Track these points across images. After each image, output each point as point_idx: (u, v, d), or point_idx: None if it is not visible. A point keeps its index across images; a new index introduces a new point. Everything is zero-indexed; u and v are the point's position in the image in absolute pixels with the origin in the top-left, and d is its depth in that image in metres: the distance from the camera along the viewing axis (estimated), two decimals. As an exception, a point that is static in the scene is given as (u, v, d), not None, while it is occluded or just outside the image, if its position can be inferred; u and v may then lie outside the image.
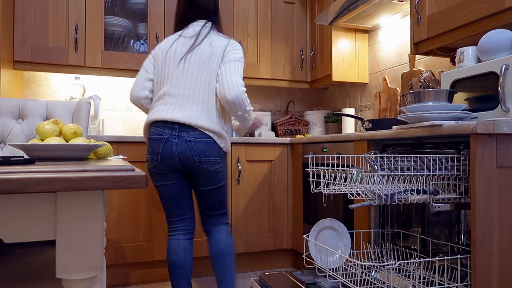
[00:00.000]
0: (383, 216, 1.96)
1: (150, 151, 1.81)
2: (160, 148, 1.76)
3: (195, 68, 1.82)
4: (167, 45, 1.90)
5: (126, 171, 0.73)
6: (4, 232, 0.73)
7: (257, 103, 3.53)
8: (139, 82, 1.93)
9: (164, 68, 1.86)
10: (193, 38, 1.87)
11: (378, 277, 1.80)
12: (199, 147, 1.75)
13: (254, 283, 1.93)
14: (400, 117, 1.67)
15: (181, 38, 1.88)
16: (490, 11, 1.64)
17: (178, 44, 1.87)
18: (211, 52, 1.83)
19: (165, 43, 1.92)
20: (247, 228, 2.76)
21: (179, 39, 1.89)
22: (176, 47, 1.87)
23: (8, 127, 1.70)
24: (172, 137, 1.75)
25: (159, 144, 1.76)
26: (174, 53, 1.86)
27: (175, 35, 1.94)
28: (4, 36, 2.43)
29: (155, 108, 1.83)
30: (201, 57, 1.83)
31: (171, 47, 1.88)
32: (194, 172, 1.80)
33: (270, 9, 3.23)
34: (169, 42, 1.90)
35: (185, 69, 1.82)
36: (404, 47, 2.72)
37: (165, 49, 1.89)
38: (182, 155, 1.75)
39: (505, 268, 1.37)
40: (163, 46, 1.92)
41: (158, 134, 1.77)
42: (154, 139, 1.77)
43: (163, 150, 1.75)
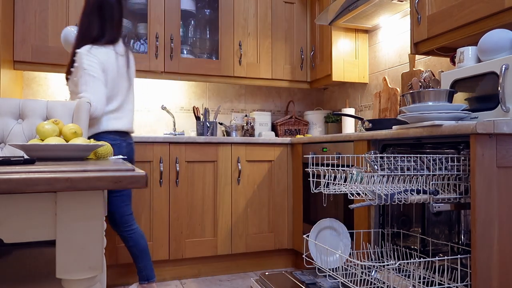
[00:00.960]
0: (383, 216, 1.96)
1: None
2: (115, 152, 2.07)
3: (130, 84, 2.16)
4: (112, 61, 2.04)
5: (126, 171, 0.73)
6: (4, 232, 0.73)
7: (257, 103, 3.53)
8: (104, 100, 1.98)
9: (114, 84, 2.06)
10: (125, 56, 2.13)
11: (378, 277, 1.80)
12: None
13: (254, 283, 1.93)
14: (400, 117, 1.67)
15: (119, 56, 2.08)
16: (490, 11, 1.64)
17: (119, 61, 2.08)
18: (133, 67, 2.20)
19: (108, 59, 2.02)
20: (247, 228, 2.76)
21: (117, 56, 2.07)
22: (119, 64, 2.08)
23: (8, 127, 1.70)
24: (124, 142, 2.10)
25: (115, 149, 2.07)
26: (119, 69, 2.07)
27: (112, 51, 2.05)
28: (4, 36, 2.43)
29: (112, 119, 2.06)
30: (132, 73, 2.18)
31: (118, 65, 2.07)
32: None
33: (270, 9, 3.23)
34: (112, 59, 2.04)
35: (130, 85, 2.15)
36: (404, 47, 2.72)
37: (113, 66, 2.04)
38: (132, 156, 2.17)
39: (505, 268, 1.37)
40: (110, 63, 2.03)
41: (113, 140, 2.06)
42: (113, 144, 2.06)
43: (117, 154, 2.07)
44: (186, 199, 2.62)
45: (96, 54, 1.97)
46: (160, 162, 2.55)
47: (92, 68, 1.95)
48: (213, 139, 2.67)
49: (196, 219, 2.64)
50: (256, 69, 3.16)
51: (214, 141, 2.67)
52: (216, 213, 2.69)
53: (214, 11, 3.18)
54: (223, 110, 3.41)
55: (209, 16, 3.20)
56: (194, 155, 2.64)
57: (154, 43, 2.88)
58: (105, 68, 1.99)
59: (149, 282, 2.20)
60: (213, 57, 3.19)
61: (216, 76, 3.08)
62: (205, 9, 3.20)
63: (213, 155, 2.69)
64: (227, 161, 2.72)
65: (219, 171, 2.70)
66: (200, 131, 3.02)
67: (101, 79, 1.97)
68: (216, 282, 2.58)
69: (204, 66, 3.02)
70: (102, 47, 2.00)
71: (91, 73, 1.94)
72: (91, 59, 1.95)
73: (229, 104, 3.44)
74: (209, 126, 3.03)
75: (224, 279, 2.65)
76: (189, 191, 2.63)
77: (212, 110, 3.36)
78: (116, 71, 2.05)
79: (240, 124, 3.36)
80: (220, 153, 2.71)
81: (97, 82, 1.95)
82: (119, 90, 2.08)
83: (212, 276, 2.70)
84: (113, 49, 2.05)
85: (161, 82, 3.23)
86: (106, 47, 2.02)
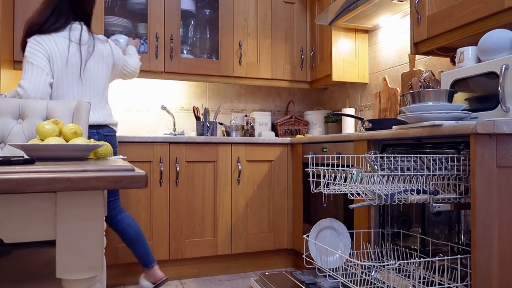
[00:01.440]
0: (383, 216, 1.96)
1: None
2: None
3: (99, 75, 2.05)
4: (61, 48, 1.94)
5: (126, 171, 0.73)
6: (4, 232, 0.73)
7: (257, 103, 3.53)
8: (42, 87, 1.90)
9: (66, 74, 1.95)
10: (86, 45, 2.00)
11: (378, 277, 1.80)
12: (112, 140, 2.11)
13: (254, 283, 1.93)
14: (400, 117, 1.67)
15: (72, 43, 1.96)
16: (490, 11, 1.64)
17: (71, 49, 1.96)
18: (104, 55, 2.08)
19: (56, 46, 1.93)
20: (247, 228, 2.76)
21: (70, 43, 1.96)
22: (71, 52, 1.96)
23: (8, 127, 1.70)
24: (93, 134, 2.01)
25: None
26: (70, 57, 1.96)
27: (63, 38, 1.95)
28: (4, 36, 2.43)
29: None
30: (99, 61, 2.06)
31: (70, 52, 1.95)
32: None
33: (270, 9, 3.23)
34: (62, 46, 1.94)
35: (90, 76, 2.01)
36: (404, 47, 2.72)
37: (63, 53, 1.94)
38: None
39: (505, 268, 1.37)
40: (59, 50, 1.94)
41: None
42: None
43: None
44: (186, 199, 2.62)
45: (40, 42, 1.91)
46: (160, 162, 2.55)
47: (32, 55, 1.89)
48: (213, 139, 2.67)
49: (196, 219, 2.64)
50: (256, 69, 3.16)
51: (214, 141, 2.67)
52: (216, 213, 2.69)
53: (214, 11, 3.18)
54: (223, 110, 3.41)
55: (209, 16, 3.20)
56: (194, 155, 2.64)
57: (154, 43, 2.88)
58: (50, 56, 1.92)
59: (148, 267, 2.19)
60: (213, 57, 3.19)
61: (216, 76, 3.08)
62: (205, 9, 3.20)
63: (213, 155, 2.69)
64: (227, 161, 2.72)
65: (219, 171, 2.70)
66: (200, 131, 3.02)
67: (41, 66, 1.89)
68: (216, 282, 2.58)
69: (204, 66, 3.02)
70: (49, 35, 1.93)
71: (30, 60, 1.89)
72: (35, 46, 1.90)
73: (229, 104, 3.44)
74: (209, 126, 3.03)
75: (224, 279, 2.65)
76: (189, 191, 2.63)
77: (212, 110, 3.36)
78: (65, 60, 1.95)
79: (240, 124, 3.36)
80: (220, 153, 2.71)
81: (35, 69, 1.89)
82: (69, 79, 1.97)
83: (212, 276, 2.70)
84: (65, 37, 1.96)
85: (161, 82, 3.23)
86: (55, 34, 1.94)
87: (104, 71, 2.07)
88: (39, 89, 1.88)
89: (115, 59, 2.16)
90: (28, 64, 1.89)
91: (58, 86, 1.95)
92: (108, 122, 2.06)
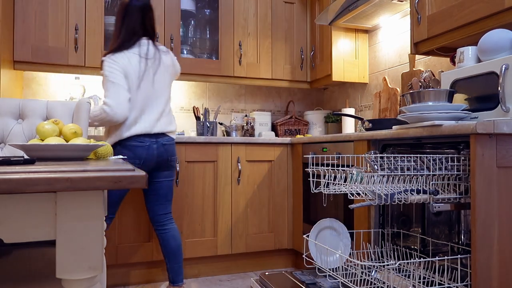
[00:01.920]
0: (383, 216, 1.96)
1: (131, 156, 2.07)
2: (144, 153, 2.09)
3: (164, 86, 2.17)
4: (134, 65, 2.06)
5: (126, 171, 0.73)
6: (4, 232, 0.73)
7: (257, 103, 3.53)
8: (125, 103, 2.01)
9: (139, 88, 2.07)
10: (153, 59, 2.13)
11: (378, 277, 1.80)
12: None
13: (254, 283, 1.93)
14: (400, 117, 1.67)
15: (142, 58, 2.09)
16: (490, 11, 1.64)
17: (141, 64, 2.08)
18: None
19: (129, 63, 2.05)
20: (247, 228, 2.77)
21: (141, 59, 2.08)
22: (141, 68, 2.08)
23: (8, 127, 1.70)
24: (153, 143, 2.11)
25: (142, 150, 2.09)
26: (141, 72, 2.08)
27: (133, 55, 2.07)
28: (4, 36, 2.43)
29: (138, 121, 2.09)
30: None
31: (140, 68, 2.08)
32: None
33: (270, 9, 3.23)
34: (134, 62, 2.06)
35: (159, 88, 2.13)
36: (404, 47, 2.72)
37: (136, 69, 2.06)
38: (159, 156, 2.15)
39: (505, 268, 1.37)
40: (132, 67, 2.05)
41: (141, 142, 2.08)
42: (139, 146, 2.08)
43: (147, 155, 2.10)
44: (186, 199, 2.62)
45: (116, 60, 2.02)
46: (160, 162, 2.55)
47: (112, 74, 2.00)
48: (213, 139, 2.67)
49: (196, 219, 2.64)
50: (256, 69, 3.16)
51: (214, 141, 2.67)
52: (216, 213, 2.69)
53: (214, 11, 3.18)
54: (223, 110, 3.41)
55: (209, 16, 3.20)
56: (194, 155, 2.64)
57: (154, 43, 2.88)
58: (126, 73, 2.02)
59: (175, 285, 2.22)
60: (213, 57, 3.19)
61: (216, 76, 3.08)
62: (205, 9, 3.20)
63: (213, 155, 2.69)
64: (227, 161, 2.72)
65: (219, 171, 2.70)
66: (200, 131, 3.02)
67: (121, 84, 2.00)
68: (216, 282, 2.58)
69: (204, 66, 3.02)
70: (122, 53, 2.04)
71: (111, 79, 1.99)
72: (111, 65, 2.01)
73: (229, 104, 3.44)
74: (209, 126, 3.03)
75: (224, 279, 2.65)
76: (189, 191, 2.63)
77: (212, 110, 3.36)
78: (138, 75, 2.06)
79: (240, 124, 3.36)
80: (220, 153, 2.71)
81: (117, 87, 1.99)
82: (142, 92, 2.07)
83: (212, 276, 2.70)
84: (136, 53, 2.07)
85: (161, 82, 3.23)
86: (127, 52, 2.05)
87: (168, 80, 2.19)
88: (124, 106, 2.00)
89: (176, 68, 2.29)
90: (109, 83, 1.99)
91: (133, 100, 2.05)
92: (165, 130, 2.15)
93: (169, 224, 2.24)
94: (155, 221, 2.23)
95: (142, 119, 2.08)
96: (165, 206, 2.24)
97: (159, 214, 2.23)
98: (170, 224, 2.24)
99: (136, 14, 2.10)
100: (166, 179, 2.22)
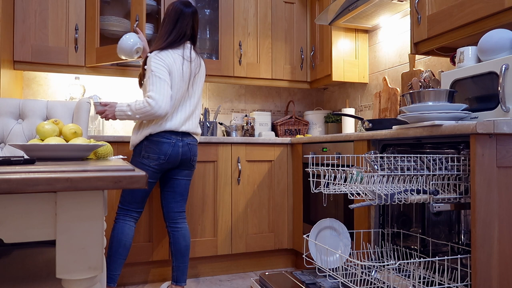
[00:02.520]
0: (383, 216, 1.96)
1: (157, 151, 2.13)
2: (169, 150, 2.15)
3: (198, 89, 2.27)
4: (178, 65, 2.16)
5: (126, 171, 0.73)
6: (4, 232, 0.73)
7: (257, 103, 3.53)
8: (167, 99, 2.08)
9: (180, 87, 2.16)
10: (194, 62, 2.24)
11: (378, 277, 1.80)
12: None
13: (254, 283, 1.93)
14: (400, 117, 1.67)
15: (185, 60, 2.19)
16: (490, 11, 1.64)
17: (184, 66, 2.18)
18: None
19: (174, 62, 2.14)
20: (247, 228, 2.76)
21: (183, 61, 2.18)
22: (184, 69, 2.18)
23: (8, 127, 1.70)
24: (179, 141, 2.18)
25: (168, 147, 2.15)
26: (183, 73, 2.18)
27: (178, 56, 2.16)
28: (4, 36, 2.43)
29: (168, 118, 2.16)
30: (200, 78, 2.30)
31: (183, 69, 2.17)
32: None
33: (270, 9, 3.23)
34: (178, 63, 2.16)
35: (193, 90, 2.24)
36: (404, 47, 2.72)
37: (179, 69, 2.16)
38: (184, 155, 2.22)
39: (505, 268, 1.37)
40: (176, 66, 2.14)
41: (167, 138, 2.15)
42: (165, 142, 2.14)
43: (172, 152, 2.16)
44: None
45: (162, 57, 2.09)
46: (160, 162, 2.55)
47: (159, 70, 2.07)
48: (213, 139, 2.67)
49: (196, 219, 2.64)
50: (256, 69, 3.16)
51: (214, 141, 2.67)
52: (216, 213, 2.69)
53: (214, 11, 3.18)
54: (223, 110, 3.41)
55: (209, 16, 3.20)
56: (194, 155, 2.64)
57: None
58: (170, 71, 2.10)
59: (177, 284, 2.25)
60: (213, 57, 3.19)
61: (216, 76, 3.08)
62: (205, 9, 3.20)
63: (213, 155, 2.69)
64: (227, 161, 2.72)
65: (219, 171, 2.70)
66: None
67: (166, 80, 2.08)
68: (216, 282, 2.58)
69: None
70: (167, 51, 2.13)
71: (158, 75, 2.06)
72: (158, 61, 2.08)
73: (229, 104, 3.44)
74: (209, 126, 3.03)
75: (224, 279, 2.65)
76: (189, 191, 2.63)
77: (212, 110, 3.36)
78: (181, 74, 2.14)
79: (240, 124, 3.36)
80: (220, 153, 2.71)
81: (162, 83, 2.06)
82: (181, 92, 2.16)
83: (212, 276, 2.70)
84: (180, 54, 2.17)
85: (161, 82, 3.23)
86: (172, 51, 2.14)
87: (202, 84, 2.31)
88: (167, 101, 2.07)
89: (205, 73, 2.37)
90: (155, 78, 2.06)
91: (173, 98, 2.13)
92: (192, 131, 2.23)
93: (181, 223, 2.27)
94: (169, 218, 2.26)
95: (173, 117, 2.16)
96: (180, 204, 2.27)
97: (174, 212, 2.26)
98: (182, 223, 2.27)
99: (188, 19, 2.22)
100: (185, 178, 2.27)
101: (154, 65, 2.07)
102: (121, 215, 2.17)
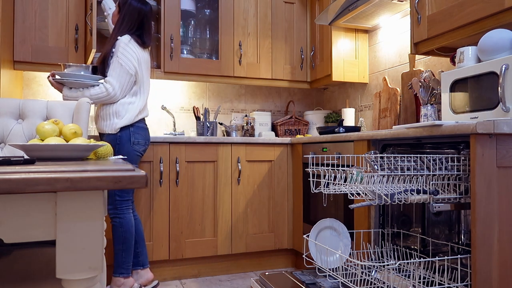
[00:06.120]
0: (383, 216, 1.96)
1: (144, 137, 2.27)
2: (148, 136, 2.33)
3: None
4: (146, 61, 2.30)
5: (126, 171, 0.73)
6: (4, 232, 0.73)
7: (257, 103, 3.53)
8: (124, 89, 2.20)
9: (144, 80, 2.29)
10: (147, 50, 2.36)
11: (378, 277, 1.80)
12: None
13: (254, 283, 1.93)
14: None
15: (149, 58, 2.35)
16: (490, 11, 1.64)
17: (148, 63, 2.33)
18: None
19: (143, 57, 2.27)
20: (247, 228, 2.76)
21: (149, 58, 2.33)
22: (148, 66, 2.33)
23: (8, 127, 1.70)
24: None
25: (148, 133, 2.33)
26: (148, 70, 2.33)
27: (146, 53, 2.30)
28: (4, 36, 2.43)
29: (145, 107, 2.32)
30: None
31: (148, 66, 2.32)
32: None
33: (270, 9, 3.23)
34: (146, 58, 2.30)
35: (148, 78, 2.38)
36: (404, 47, 2.72)
37: (148, 65, 2.32)
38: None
39: (505, 268, 1.37)
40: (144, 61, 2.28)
41: (146, 125, 2.33)
42: (147, 128, 2.32)
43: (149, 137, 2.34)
44: (186, 199, 2.62)
45: (133, 48, 2.18)
46: (160, 162, 2.55)
47: (125, 58, 2.15)
48: (213, 139, 2.67)
49: (196, 219, 2.64)
50: (256, 69, 3.16)
51: (214, 141, 2.67)
52: (216, 213, 2.69)
53: (214, 11, 3.18)
54: (223, 110, 3.41)
55: (209, 16, 3.20)
56: (194, 155, 2.64)
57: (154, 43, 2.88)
58: (140, 63, 2.21)
59: (144, 267, 2.34)
60: (213, 57, 3.19)
61: (216, 76, 3.08)
62: (205, 9, 3.20)
63: (213, 155, 2.69)
64: (227, 161, 2.72)
65: (219, 171, 2.70)
66: (200, 131, 3.02)
67: (129, 70, 2.16)
68: (216, 282, 2.58)
69: (204, 66, 3.02)
70: (139, 46, 2.23)
71: (121, 62, 2.14)
72: (128, 50, 2.16)
73: (229, 104, 3.44)
74: (209, 126, 3.03)
75: (224, 279, 2.65)
76: (189, 191, 2.63)
77: (212, 110, 3.36)
78: (147, 70, 2.28)
79: (240, 124, 3.36)
80: (220, 153, 2.71)
81: (123, 71, 2.14)
82: (145, 87, 2.29)
83: (212, 276, 2.70)
84: (147, 52, 2.30)
85: (161, 82, 3.23)
86: (142, 47, 2.25)
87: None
88: (123, 90, 2.17)
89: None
90: (118, 65, 2.15)
91: (145, 88, 2.28)
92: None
93: (135, 210, 2.34)
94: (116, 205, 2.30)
95: (146, 104, 2.31)
96: (132, 192, 2.32)
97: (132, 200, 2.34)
98: (135, 211, 2.34)
99: (150, 20, 2.36)
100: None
101: (122, 52, 2.15)
102: (124, 208, 2.21)
